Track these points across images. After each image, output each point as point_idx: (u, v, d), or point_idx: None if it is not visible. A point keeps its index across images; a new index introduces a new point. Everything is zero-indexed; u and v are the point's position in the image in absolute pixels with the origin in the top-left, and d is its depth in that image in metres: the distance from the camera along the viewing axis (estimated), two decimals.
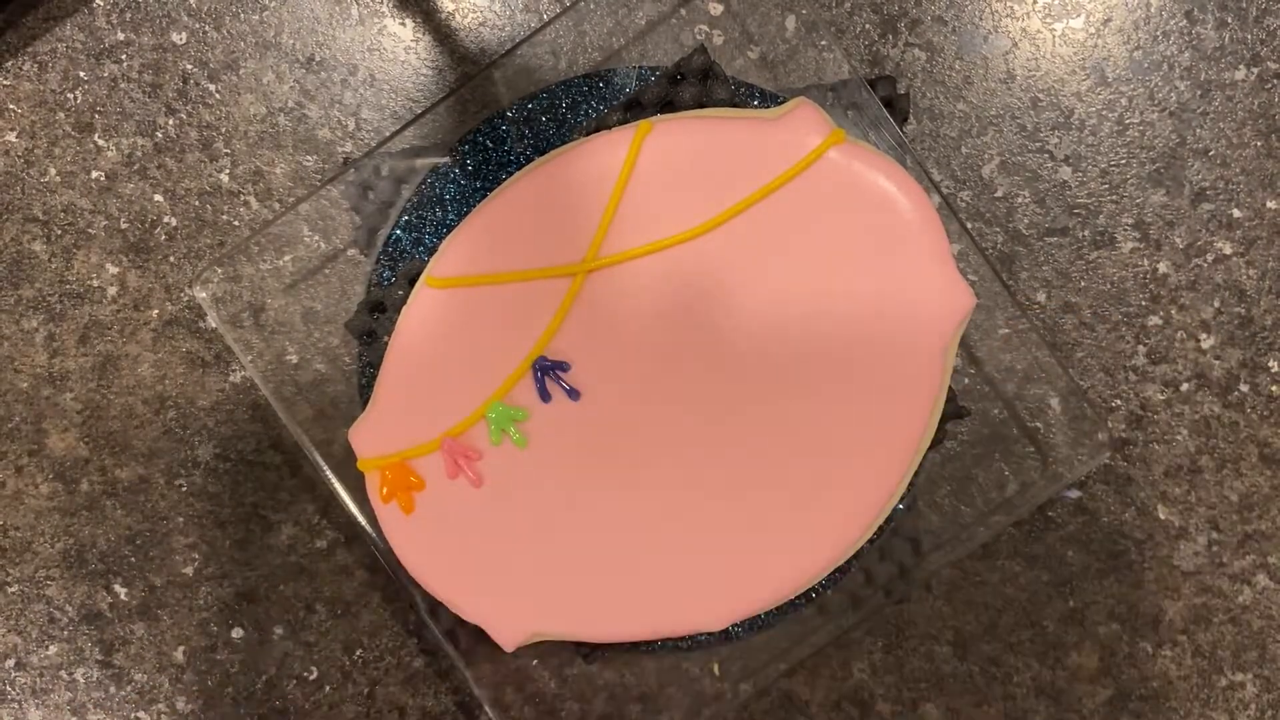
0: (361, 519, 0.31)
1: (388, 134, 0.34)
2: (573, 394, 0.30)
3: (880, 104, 0.31)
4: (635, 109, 0.32)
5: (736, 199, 0.30)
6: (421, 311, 0.30)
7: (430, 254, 0.32)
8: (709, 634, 0.32)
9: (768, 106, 0.32)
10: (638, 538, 0.30)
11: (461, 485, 0.30)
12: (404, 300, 0.31)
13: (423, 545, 0.31)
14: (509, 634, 0.30)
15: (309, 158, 0.34)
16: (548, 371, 0.30)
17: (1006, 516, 0.33)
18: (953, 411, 0.32)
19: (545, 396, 0.30)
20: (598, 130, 0.31)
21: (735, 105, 0.32)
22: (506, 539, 0.30)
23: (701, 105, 0.31)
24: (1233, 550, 0.35)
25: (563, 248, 0.30)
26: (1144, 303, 0.34)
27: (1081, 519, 0.35)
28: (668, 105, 0.32)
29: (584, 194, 0.30)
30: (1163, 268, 0.34)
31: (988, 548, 0.35)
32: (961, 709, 0.35)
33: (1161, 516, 0.35)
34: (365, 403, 0.32)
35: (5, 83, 0.34)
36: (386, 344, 0.31)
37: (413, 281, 0.31)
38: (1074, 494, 0.35)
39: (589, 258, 0.30)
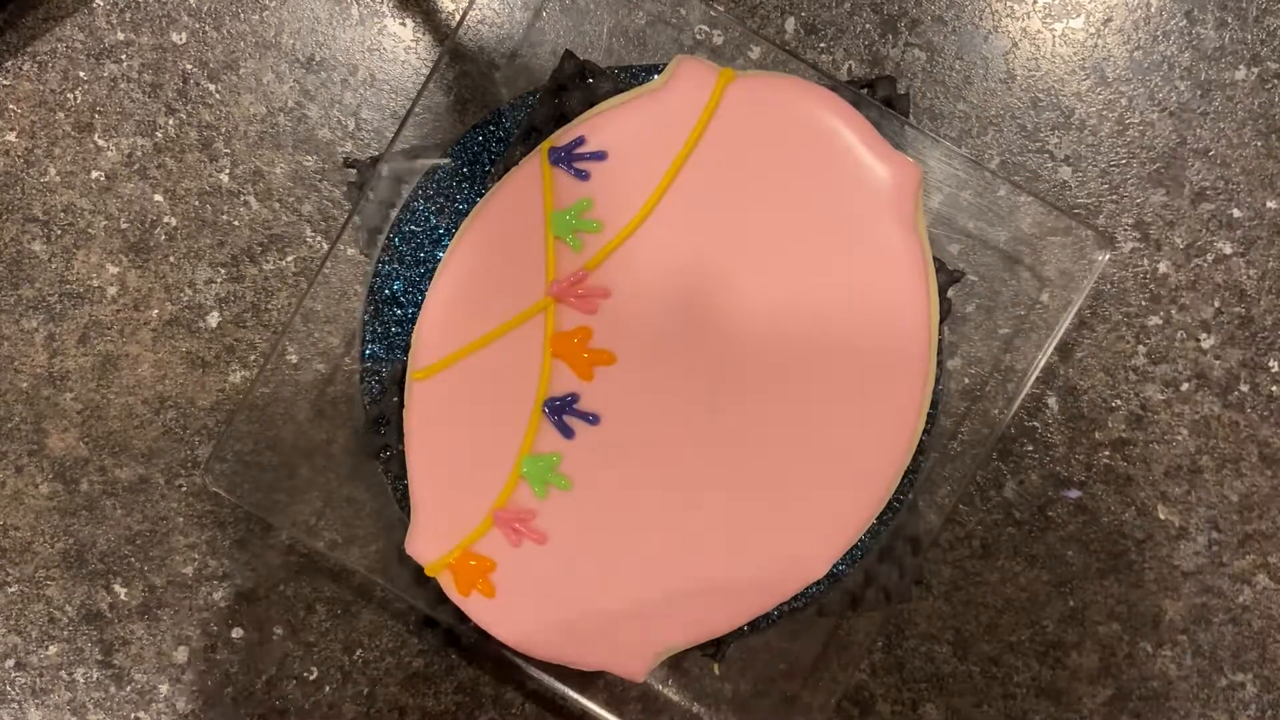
0: (436, 616, 0.32)
1: (389, 134, 0.34)
2: (592, 420, 0.30)
3: (880, 105, 0.31)
4: (533, 135, 0.31)
5: (661, 174, 0.29)
6: (421, 408, 0.30)
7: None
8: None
9: None
10: (681, 539, 0.30)
11: (529, 549, 0.30)
12: (400, 405, 0.31)
13: (518, 620, 0.30)
14: (634, 665, 0.30)
15: (309, 158, 0.34)
16: (561, 410, 0.30)
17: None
18: (947, 280, 0.32)
19: (568, 433, 0.30)
20: (507, 170, 0.31)
21: (620, 91, 0.31)
22: (586, 579, 0.30)
23: (591, 105, 0.31)
24: (1233, 550, 0.35)
25: (522, 288, 0.30)
26: (1144, 303, 0.34)
27: (1081, 519, 0.35)
28: (561, 119, 0.31)
29: (519, 232, 0.30)
30: (1163, 268, 0.34)
31: (988, 547, 0.35)
32: (961, 709, 0.35)
33: (1161, 516, 0.35)
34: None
35: (5, 82, 0.34)
36: (402, 451, 0.31)
37: (401, 383, 0.31)
38: (1074, 494, 0.35)
39: (549, 286, 0.30)
